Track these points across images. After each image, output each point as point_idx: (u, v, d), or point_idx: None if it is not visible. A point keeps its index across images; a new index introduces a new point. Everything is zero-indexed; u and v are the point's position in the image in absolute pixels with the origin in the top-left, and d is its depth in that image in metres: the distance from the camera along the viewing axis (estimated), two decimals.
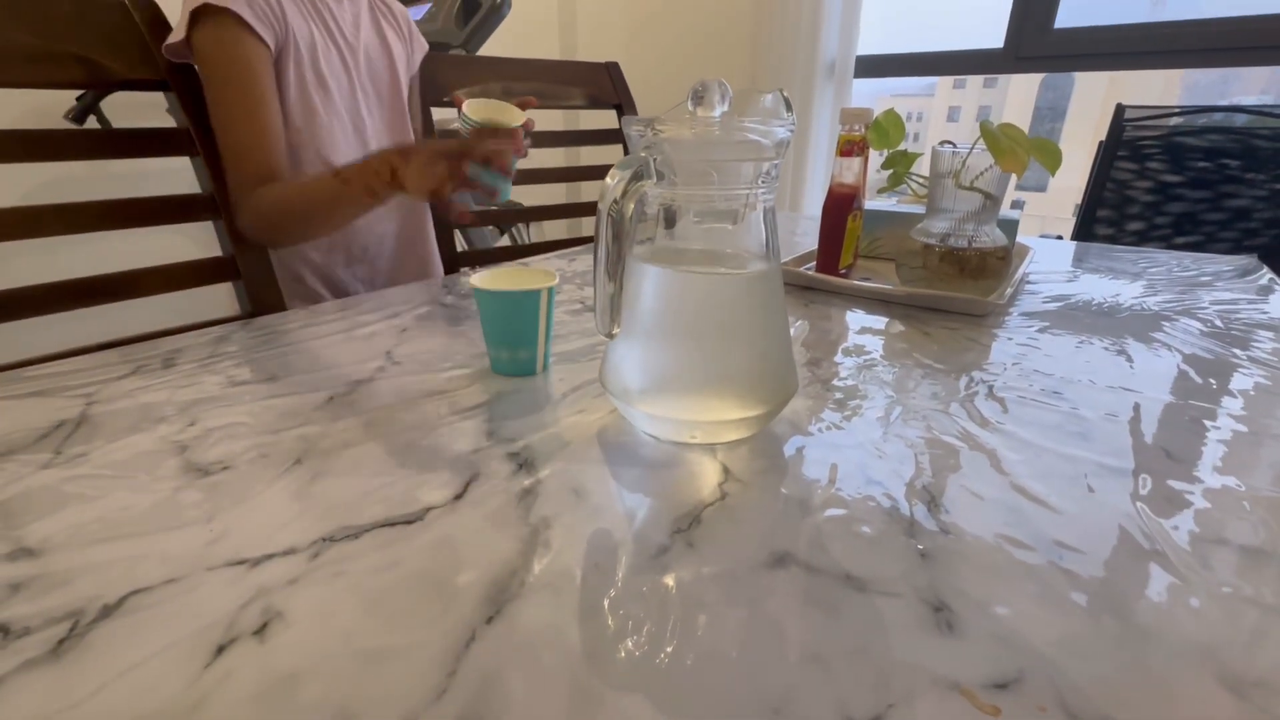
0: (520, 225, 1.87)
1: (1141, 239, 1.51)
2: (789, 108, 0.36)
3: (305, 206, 0.71)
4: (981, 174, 0.65)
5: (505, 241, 1.88)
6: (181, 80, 0.66)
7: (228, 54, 0.67)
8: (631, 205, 0.34)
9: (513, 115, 0.70)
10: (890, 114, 0.78)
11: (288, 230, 0.74)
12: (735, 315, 0.38)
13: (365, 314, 0.65)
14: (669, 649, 0.25)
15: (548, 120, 2.06)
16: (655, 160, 0.35)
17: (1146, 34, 1.57)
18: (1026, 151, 0.61)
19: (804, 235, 1.11)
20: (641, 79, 1.57)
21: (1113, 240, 1.53)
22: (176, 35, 0.66)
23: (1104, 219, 1.53)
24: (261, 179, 0.70)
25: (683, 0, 2.00)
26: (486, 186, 0.66)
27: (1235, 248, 1.42)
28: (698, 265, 0.39)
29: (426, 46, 0.95)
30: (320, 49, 0.76)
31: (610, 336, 0.38)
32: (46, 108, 1.27)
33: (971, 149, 0.64)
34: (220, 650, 0.25)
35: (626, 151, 0.37)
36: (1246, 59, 1.52)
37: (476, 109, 0.68)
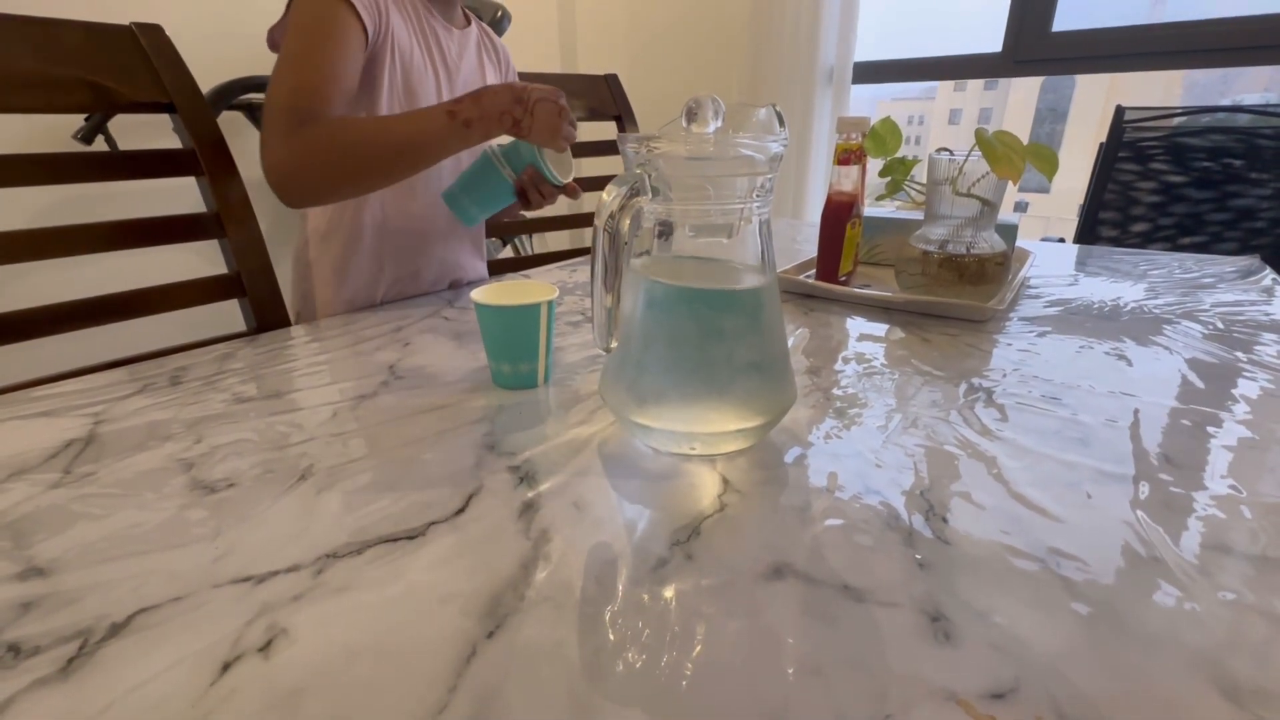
0: (522, 236, 1.88)
1: (1146, 240, 1.50)
2: (782, 122, 0.37)
3: (385, 144, 0.63)
4: (979, 180, 0.65)
5: (508, 253, 1.89)
6: (186, 101, 0.67)
7: (317, 13, 0.64)
8: (628, 221, 0.35)
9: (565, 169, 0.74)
10: (887, 121, 0.79)
11: (343, 173, 0.64)
12: (732, 327, 0.39)
13: (368, 328, 0.66)
14: (667, 662, 0.25)
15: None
16: (650, 176, 0.36)
17: (1145, 35, 1.57)
18: (1022, 158, 0.61)
19: (805, 242, 1.11)
20: (641, 90, 1.59)
21: (1117, 242, 1.52)
22: (281, 22, 0.66)
23: (1108, 220, 1.53)
24: (312, 117, 0.62)
25: (681, 11, 2.02)
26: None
27: (1241, 248, 1.42)
28: (694, 279, 0.40)
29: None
30: (417, 65, 0.75)
31: (608, 351, 0.39)
32: (54, 128, 1.29)
33: (968, 156, 0.65)
34: (226, 667, 0.25)
35: (626, 166, 0.38)
36: (1247, 59, 1.52)
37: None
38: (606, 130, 1.30)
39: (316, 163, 0.63)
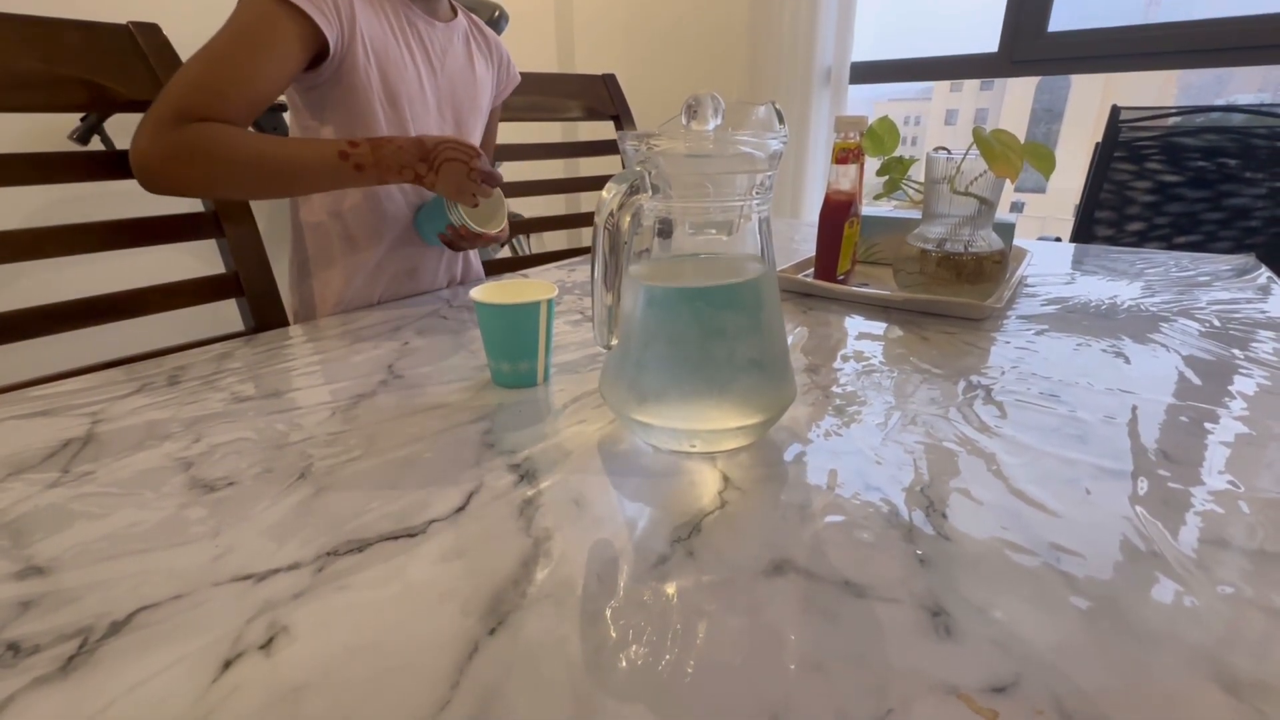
0: (520, 236, 1.88)
1: (1142, 239, 1.51)
2: (781, 120, 0.37)
3: (261, 164, 0.62)
4: (976, 179, 0.65)
5: (506, 253, 1.89)
6: None
7: (254, 17, 0.62)
8: (628, 218, 0.35)
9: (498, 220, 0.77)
10: (884, 121, 0.79)
11: (209, 179, 0.63)
12: (732, 325, 0.39)
13: (366, 328, 0.66)
14: (669, 658, 0.25)
15: (546, 133, 2.07)
16: (650, 174, 0.36)
17: (1140, 35, 1.57)
18: (1019, 156, 0.61)
19: (804, 242, 1.12)
20: (639, 90, 1.59)
21: (1113, 241, 1.53)
22: None
23: (1103, 220, 1.53)
24: (199, 118, 0.60)
25: (679, 11, 2.02)
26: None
27: (1236, 246, 1.42)
28: (694, 276, 0.40)
29: (519, 78, 0.94)
30: (395, 62, 0.74)
31: (608, 348, 0.39)
32: (50, 128, 1.29)
33: (965, 155, 0.65)
34: (227, 665, 0.25)
35: (625, 164, 0.38)
36: (1241, 59, 1.52)
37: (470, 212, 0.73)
38: (604, 130, 1.30)
39: (180, 164, 0.60)
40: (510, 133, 1.09)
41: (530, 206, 1.55)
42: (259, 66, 0.62)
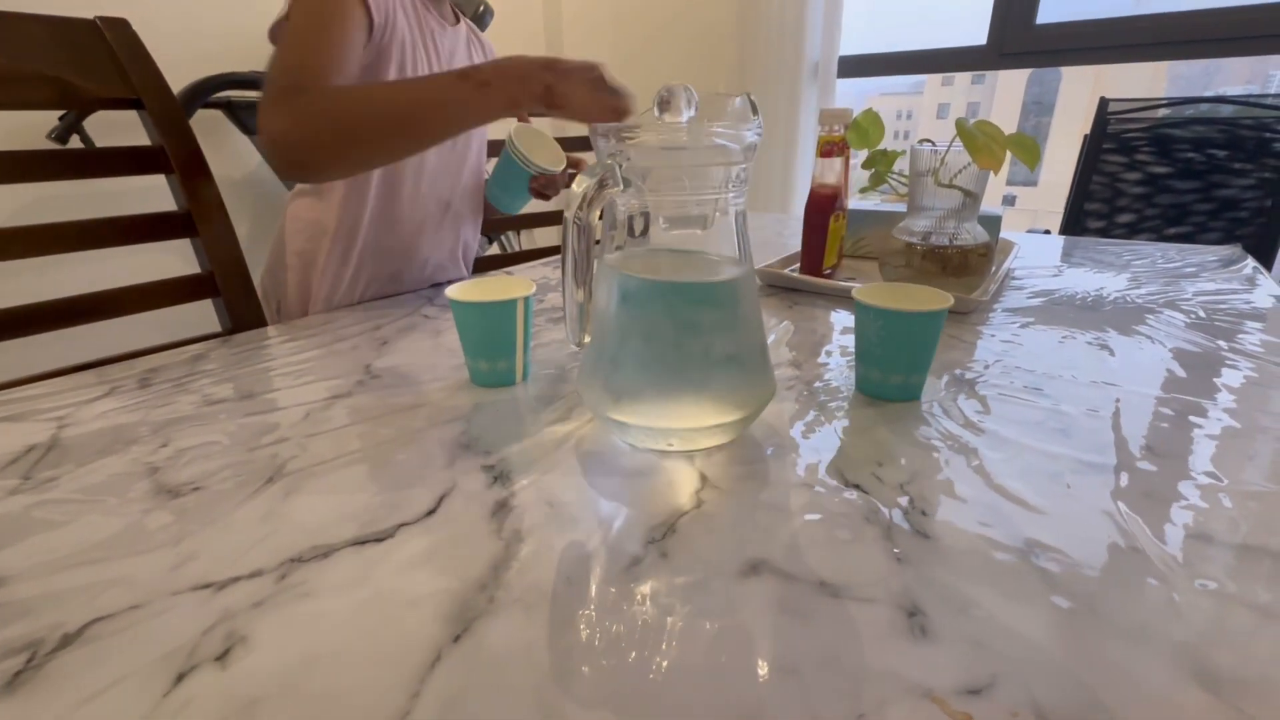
0: (509, 233, 1.87)
1: (1132, 231, 1.51)
2: (755, 111, 0.36)
3: (390, 106, 0.59)
4: (960, 172, 0.65)
5: (494, 249, 1.87)
6: (154, 98, 0.65)
7: None
8: (598, 212, 0.34)
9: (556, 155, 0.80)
10: (869, 113, 0.78)
11: (346, 138, 0.60)
12: (708, 320, 0.38)
13: (345, 327, 0.65)
14: (638, 663, 0.24)
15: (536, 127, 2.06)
16: (621, 167, 0.35)
17: (1129, 27, 1.57)
18: (1003, 148, 0.61)
19: (792, 236, 1.11)
20: (627, 83, 1.57)
21: (1103, 233, 1.53)
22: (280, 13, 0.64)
23: (1093, 212, 1.53)
24: (310, 90, 0.59)
25: (666, 6, 2.01)
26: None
27: (1225, 237, 1.43)
28: (669, 271, 0.39)
29: None
30: (420, 64, 0.73)
31: (580, 346, 0.38)
32: (28, 127, 1.27)
33: (949, 147, 0.64)
34: (180, 678, 0.24)
35: (597, 158, 0.37)
36: (1230, 50, 1.52)
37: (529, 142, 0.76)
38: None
39: (315, 128, 0.59)
40: (500, 128, 1.08)
41: None
42: (340, 43, 0.62)
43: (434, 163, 0.81)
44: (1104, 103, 1.50)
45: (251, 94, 1.36)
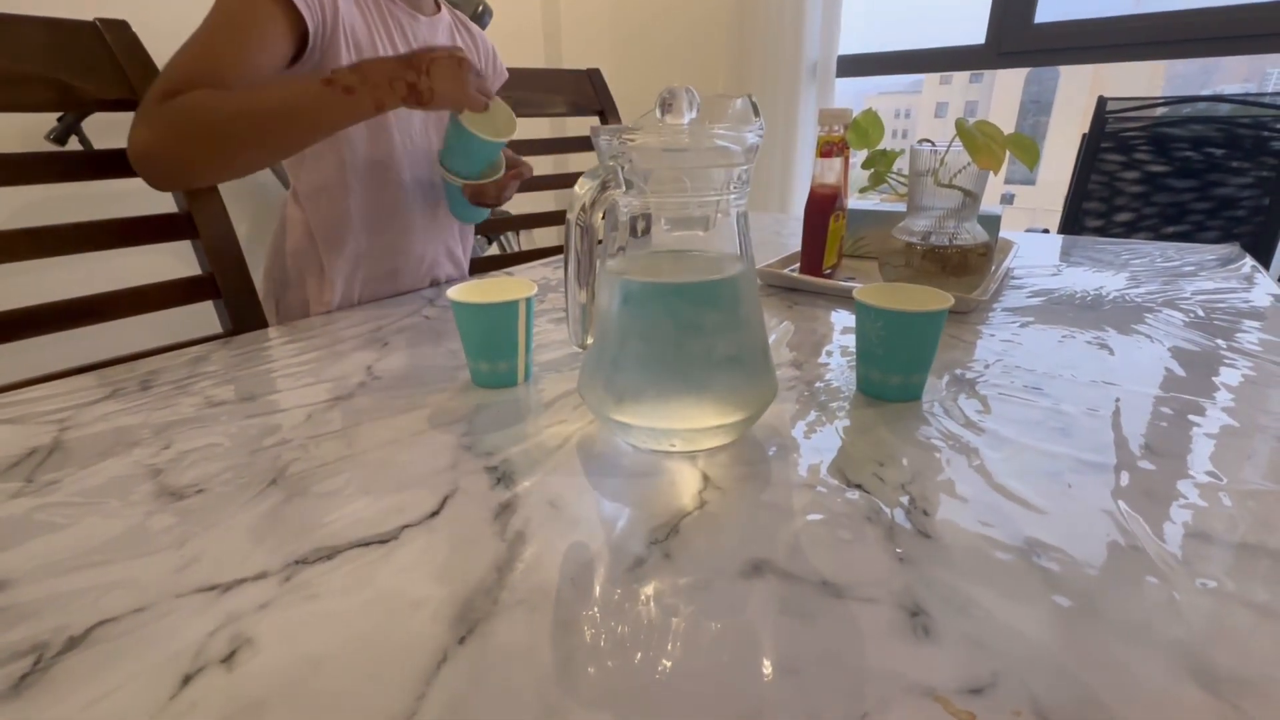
0: (509, 234, 1.87)
1: (1130, 230, 1.51)
2: (757, 112, 0.36)
3: (252, 113, 0.58)
4: (960, 171, 0.65)
5: (494, 250, 1.87)
6: None
7: (235, 5, 0.60)
8: (600, 214, 0.34)
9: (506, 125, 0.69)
10: (869, 113, 0.78)
11: (208, 147, 0.59)
12: (710, 321, 0.38)
13: (346, 329, 0.65)
14: (641, 664, 0.25)
15: (534, 128, 2.05)
16: (624, 169, 0.35)
17: (1127, 26, 1.57)
18: (1002, 148, 0.61)
19: (791, 236, 1.11)
20: (624, 85, 1.57)
21: (1101, 231, 1.53)
22: None
23: (1092, 211, 1.54)
24: (187, 91, 0.57)
25: (664, 6, 2.01)
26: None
27: (1223, 236, 1.43)
28: (671, 272, 0.39)
29: (506, 75, 0.93)
30: (377, 55, 0.71)
31: (583, 347, 0.38)
32: (26, 129, 1.27)
33: (949, 147, 0.65)
34: (187, 680, 0.24)
35: (599, 159, 0.37)
36: (1227, 49, 1.53)
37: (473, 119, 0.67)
38: (590, 125, 1.29)
39: (174, 137, 0.58)
40: None
41: (518, 203, 1.54)
42: (246, 53, 0.60)
43: (418, 159, 0.81)
44: (1102, 102, 1.50)
45: None
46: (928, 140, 0.67)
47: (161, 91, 0.58)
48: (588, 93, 1.24)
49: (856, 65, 1.87)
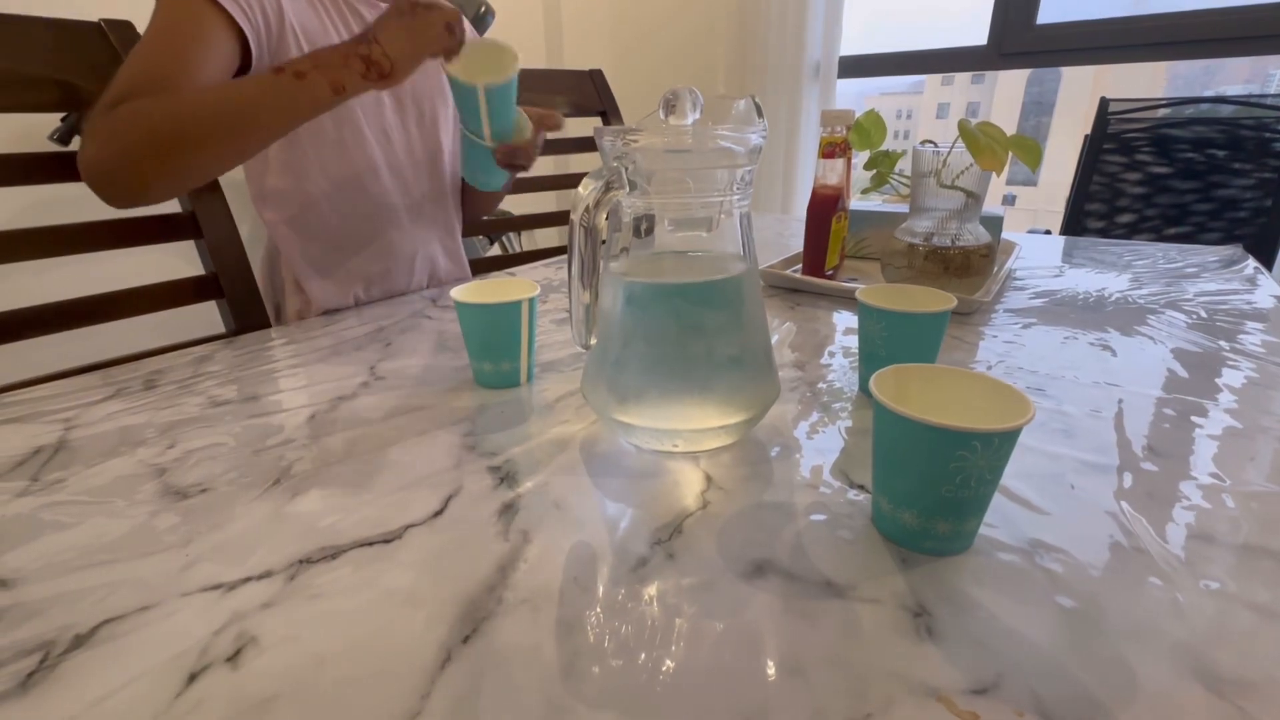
0: (510, 234, 1.87)
1: (1132, 231, 1.51)
2: (760, 113, 0.36)
3: (203, 114, 0.55)
4: (962, 172, 0.65)
5: (495, 251, 1.88)
6: None
7: (175, 14, 0.58)
8: (604, 215, 0.34)
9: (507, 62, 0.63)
10: (871, 114, 0.78)
11: (157, 153, 0.55)
12: (713, 322, 0.38)
13: (349, 329, 0.65)
14: (645, 664, 0.25)
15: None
16: (628, 170, 0.35)
17: (1129, 27, 1.57)
18: (1005, 149, 0.61)
19: (793, 237, 1.11)
20: (626, 86, 1.58)
21: (1103, 233, 1.53)
22: None
23: (1094, 212, 1.54)
24: (132, 99, 0.55)
25: (666, 6, 2.01)
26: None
27: (1225, 237, 1.43)
28: (674, 273, 0.39)
29: None
30: None
31: (586, 347, 0.38)
32: (29, 129, 1.27)
33: (951, 148, 0.65)
34: (192, 678, 0.24)
35: (603, 160, 0.37)
36: (1230, 50, 1.53)
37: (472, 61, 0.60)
38: (593, 126, 1.29)
39: (120, 148, 0.54)
40: None
41: (520, 204, 1.54)
42: (190, 57, 0.57)
43: (395, 154, 0.79)
44: (1104, 103, 1.50)
45: None
46: (930, 141, 0.67)
47: (105, 104, 0.55)
48: (589, 93, 1.24)
49: (858, 66, 1.87)
